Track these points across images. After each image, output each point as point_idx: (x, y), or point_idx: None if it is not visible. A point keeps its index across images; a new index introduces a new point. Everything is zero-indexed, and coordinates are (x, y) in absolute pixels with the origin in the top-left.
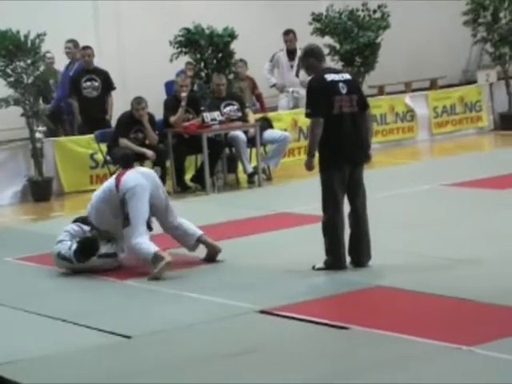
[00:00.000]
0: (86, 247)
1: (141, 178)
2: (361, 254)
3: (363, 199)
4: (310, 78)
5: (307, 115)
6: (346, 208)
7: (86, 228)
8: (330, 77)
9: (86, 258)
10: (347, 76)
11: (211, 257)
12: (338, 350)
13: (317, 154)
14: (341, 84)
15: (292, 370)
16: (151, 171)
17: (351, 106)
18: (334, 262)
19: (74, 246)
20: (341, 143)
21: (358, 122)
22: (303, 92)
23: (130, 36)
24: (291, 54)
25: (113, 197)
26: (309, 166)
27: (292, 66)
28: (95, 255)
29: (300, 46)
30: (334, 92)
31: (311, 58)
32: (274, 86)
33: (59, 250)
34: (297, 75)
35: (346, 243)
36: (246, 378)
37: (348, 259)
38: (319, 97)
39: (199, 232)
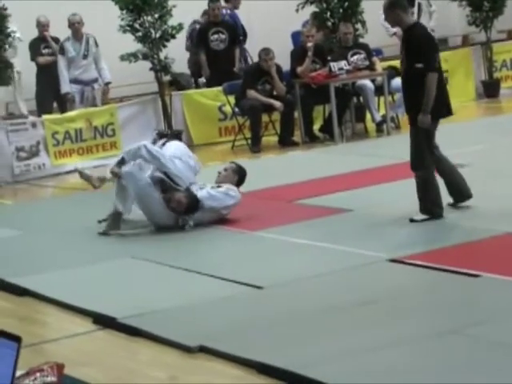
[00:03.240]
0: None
1: None
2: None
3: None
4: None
5: (420, 70)
6: None
7: None
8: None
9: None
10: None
11: None
12: (470, 297)
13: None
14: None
15: (424, 318)
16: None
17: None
18: (437, 210)
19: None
20: (442, 97)
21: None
22: None
23: None
24: (410, 0)
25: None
26: (426, 123)
27: (412, 13)
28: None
29: None
30: (437, 48)
31: (398, 10)
32: (394, 34)
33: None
34: None
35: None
36: (377, 325)
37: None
38: (433, 51)
39: None
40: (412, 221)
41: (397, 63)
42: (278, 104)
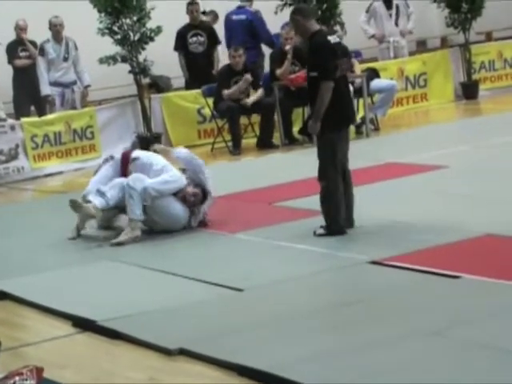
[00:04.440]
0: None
1: None
2: (352, 213)
3: (348, 157)
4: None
5: (316, 79)
6: None
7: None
8: (332, 39)
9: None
10: (337, 39)
11: None
12: (451, 298)
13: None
14: (337, 46)
15: (404, 320)
16: None
17: (344, 70)
18: (335, 227)
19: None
20: (343, 106)
21: (348, 84)
22: (403, 41)
23: None
24: (388, 2)
25: None
26: (316, 130)
27: (390, 15)
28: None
29: None
30: (337, 55)
31: (299, 17)
32: (372, 36)
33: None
34: (396, 24)
35: None
36: (357, 327)
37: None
38: (328, 59)
39: None
40: (314, 234)
41: (376, 65)
42: (245, 76)
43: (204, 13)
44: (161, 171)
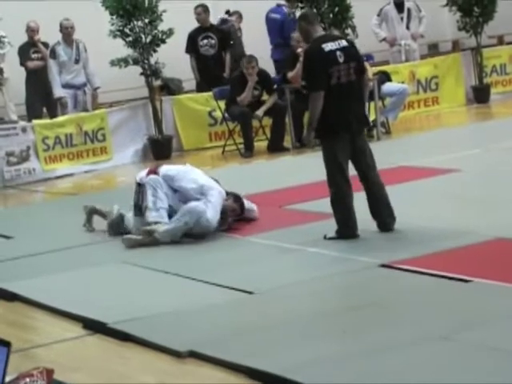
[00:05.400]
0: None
1: None
2: (384, 216)
3: (372, 163)
4: (306, 47)
5: (304, 88)
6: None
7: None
8: (327, 46)
9: None
10: (344, 43)
11: None
12: (462, 302)
13: None
14: (338, 53)
15: (414, 323)
16: None
17: (348, 75)
18: (346, 231)
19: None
20: (339, 113)
21: (356, 89)
22: (414, 45)
23: None
24: (399, 6)
25: None
26: (308, 140)
27: (402, 19)
28: None
29: None
30: (332, 62)
31: (302, 22)
32: (383, 40)
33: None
34: (407, 27)
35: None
36: (367, 330)
37: (374, 223)
38: (318, 69)
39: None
40: (325, 238)
41: (387, 68)
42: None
43: (228, 13)
44: (201, 188)
